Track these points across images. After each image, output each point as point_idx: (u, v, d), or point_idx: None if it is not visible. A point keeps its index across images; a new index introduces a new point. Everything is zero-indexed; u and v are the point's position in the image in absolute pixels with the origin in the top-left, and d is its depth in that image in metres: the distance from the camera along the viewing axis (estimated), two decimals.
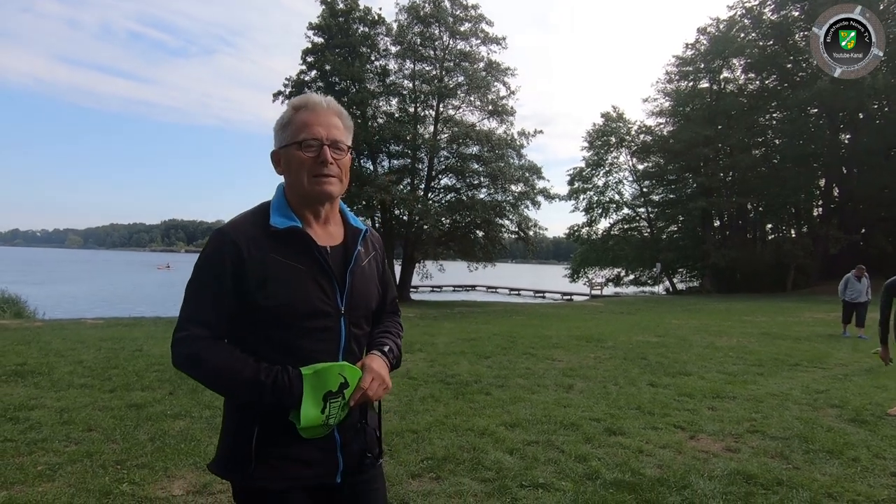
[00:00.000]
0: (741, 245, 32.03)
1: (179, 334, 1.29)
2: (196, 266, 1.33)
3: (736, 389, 5.88)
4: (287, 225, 1.32)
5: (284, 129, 1.37)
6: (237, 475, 1.32)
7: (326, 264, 1.34)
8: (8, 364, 6.31)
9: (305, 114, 1.36)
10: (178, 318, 1.32)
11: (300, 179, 1.34)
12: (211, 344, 1.28)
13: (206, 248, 1.33)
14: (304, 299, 1.30)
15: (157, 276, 60.69)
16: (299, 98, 1.39)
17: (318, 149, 1.34)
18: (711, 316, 15.56)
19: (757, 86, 32.60)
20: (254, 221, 1.34)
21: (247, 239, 1.29)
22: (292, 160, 1.35)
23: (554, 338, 9.89)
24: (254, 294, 1.27)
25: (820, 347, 9.08)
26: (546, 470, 3.54)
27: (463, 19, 24.60)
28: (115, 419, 4.39)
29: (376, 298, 1.49)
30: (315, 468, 1.33)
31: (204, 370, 1.27)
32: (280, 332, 1.29)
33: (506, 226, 24.96)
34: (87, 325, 10.86)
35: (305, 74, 24.13)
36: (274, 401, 1.24)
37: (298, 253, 1.32)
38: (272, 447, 1.30)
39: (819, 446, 4.03)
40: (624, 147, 36.00)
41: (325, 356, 1.31)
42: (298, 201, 1.38)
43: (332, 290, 1.34)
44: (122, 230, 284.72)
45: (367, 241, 1.49)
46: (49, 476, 3.28)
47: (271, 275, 1.28)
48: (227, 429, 1.38)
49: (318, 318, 1.31)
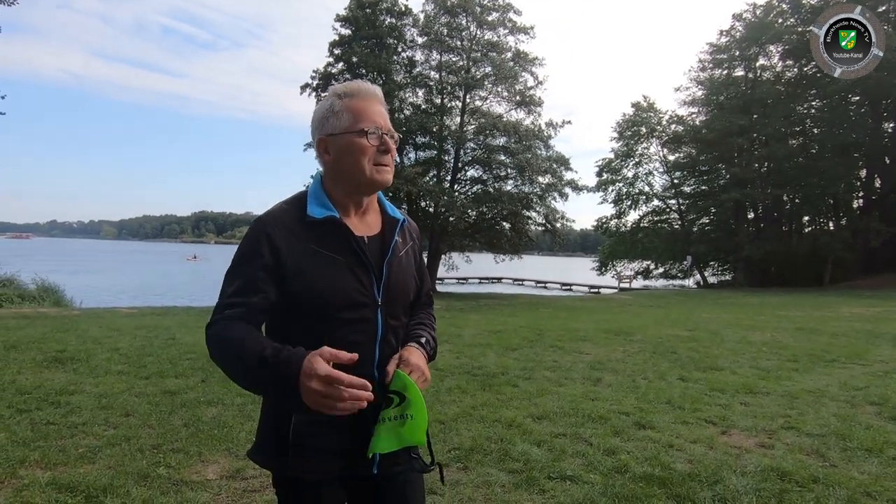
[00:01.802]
0: (776, 238, 31.14)
1: (212, 318, 1.28)
2: (235, 256, 1.33)
3: (770, 385, 5.74)
4: (324, 215, 1.31)
5: (336, 116, 1.34)
6: (273, 464, 1.34)
7: (363, 255, 1.33)
8: (49, 350, 6.55)
9: (359, 101, 1.35)
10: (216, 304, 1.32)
11: (361, 167, 1.33)
12: (235, 324, 1.23)
13: (245, 239, 1.32)
14: (341, 290, 1.29)
15: (187, 266, 62.18)
16: (346, 85, 1.37)
17: (380, 137, 1.33)
18: (744, 310, 15.22)
19: (795, 73, 31.49)
20: (291, 211, 1.33)
21: (284, 228, 1.29)
22: (352, 148, 1.33)
23: (581, 331, 9.80)
24: (290, 284, 1.27)
25: (858, 343, 8.79)
26: (574, 462, 3.52)
27: (491, 9, 24.38)
28: (150, 405, 4.52)
29: (413, 289, 1.48)
30: (351, 460, 1.32)
31: (221, 350, 1.24)
32: (317, 322, 1.28)
33: (533, 218, 24.77)
34: (121, 314, 11.19)
35: (332, 66, 24.26)
36: (274, 378, 1.13)
37: (335, 243, 1.31)
38: (308, 437, 1.29)
39: (857, 444, 3.91)
40: (654, 137, 35.27)
41: (362, 348, 1.29)
42: (347, 190, 1.37)
43: (370, 281, 1.33)
44: (155, 222, 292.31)
45: (405, 231, 1.48)
46: (90, 458, 3.40)
47: (308, 265, 1.28)
48: (264, 417, 1.38)
49: (354, 309, 1.30)
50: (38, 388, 4.88)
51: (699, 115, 35.12)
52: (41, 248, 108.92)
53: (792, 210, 32.85)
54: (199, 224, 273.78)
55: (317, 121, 1.38)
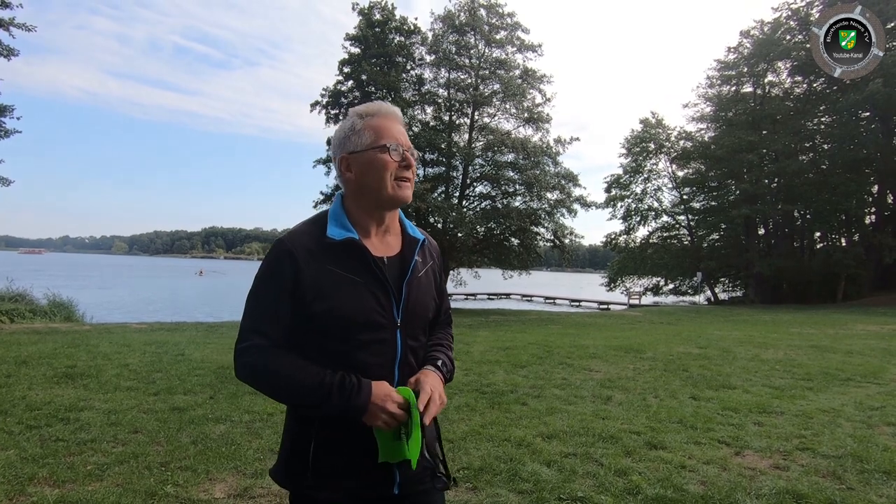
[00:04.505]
0: (787, 254, 30.88)
1: (241, 345, 1.30)
2: (256, 276, 1.34)
3: (784, 404, 5.65)
4: (343, 236, 1.33)
5: (358, 135, 1.37)
6: (294, 484, 1.33)
7: (382, 276, 1.34)
8: (59, 366, 6.58)
9: (381, 119, 1.38)
10: (239, 328, 1.34)
11: (383, 183, 1.35)
12: (272, 352, 1.28)
13: (266, 260, 1.34)
14: (360, 311, 1.30)
15: (195, 281, 62.54)
16: (366, 106, 1.41)
17: (401, 153, 1.36)
18: (756, 327, 15.04)
19: (804, 89, 31.49)
20: (311, 232, 1.35)
21: (304, 250, 1.30)
22: (374, 163, 1.35)
23: (591, 348, 9.72)
24: (310, 305, 1.28)
25: (874, 362, 8.65)
26: (585, 483, 3.47)
27: (499, 27, 24.66)
28: (159, 422, 4.52)
29: (433, 309, 1.48)
30: (372, 480, 1.32)
31: (267, 378, 1.28)
32: (336, 343, 1.29)
33: (541, 234, 24.79)
34: (131, 329, 11.24)
35: (342, 84, 24.56)
36: (341, 402, 1.23)
37: (355, 264, 1.32)
38: (329, 457, 1.30)
39: (874, 466, 3.82)
40: (663, 153, 35.29)
41: (381, 369, 1.31)
42: (369, 207, 1.39)
43: (389, 301, 1.34)
44: (165, 237, 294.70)
45: (425, 251, 1.48)
46: (98, 476, 3.39)
47: (327, 286, 1.29)
48: (286, 437, 1.39)
49: (373, 330, 1.31)
50: (47, 404, 4.90)
51: (708, 130, 35.17)
52: (53, 262, 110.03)
53: (803, 226, 32.60)
54: (209, 239, 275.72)
55: (338, 140, 1.40)
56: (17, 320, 12.90)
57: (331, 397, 1.23)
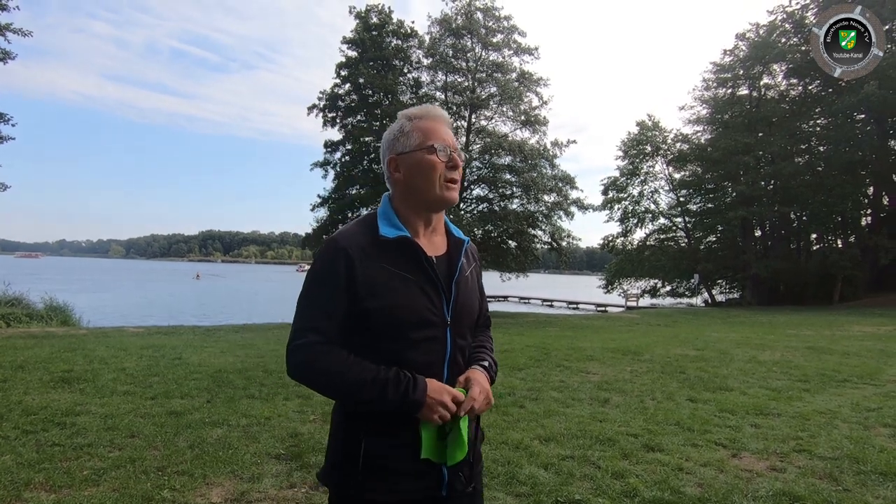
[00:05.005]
0: (784, 255, 30.98)
1: (294, 343, 1.30)
2: (309, 276, 1.35)
3: (780, 406, 5.66)
4: (396, 234, 1.34)
5: (406, 136, 1.39)
6: (344, 486, 1.33)
7: (434, 274, 1.35)
8: (56, 371, 6.56)
9: (429, 122, 1.40)
10: (291, 328, 1.34)
11: (431, 184, 1.37)
12: (326, 349, 1.29)
13: (319, 259, 1.35)
14: (413, 309, 1.31)
15: (193, 285, 62.41)
16: (416, 108, 1.43)
17: (449, 154, 1.37)
18: (753, 329, 15.07)
19: (800, 91, 31.63)
20: (363, 231, 1.36)
21: (358, 249, 1.31)
22: (423, 164, 1.36)
23: (588, 350, 9.72)
24: (364, 302, 1.29)
25: (870, 363, 8.68)
26: (582, 486, 3.47)
27: (495, 30, 24.72)
28: (156, 426, 4.50)
29: (477, 310, 1.51)
30: (422, 481, 1.33)
31: (321, 375, 1.28)
32: (389, 341, 1.31)
33: (538, 236, 24.83)
34: (128, 333, 11.21)
35: (339, 87, 24.61)
36: (397, 398, 1.24)
37: (407, 262, 1.34)
38: (381, 459, 1.30)
39: (871, 467, 3.83)
40: (660, 156, 35.37)
41: (431, 367, 1.33)
42: (416, 208, 1.40)
43: (440, 300, 1.35)
44: (162, 240, 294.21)
45: (469, 253, 1.50)
46: (94, 481, 3.38)
47: (381, 284, 1.30)
48: (335, 439, 1.39)
49: (425, 328, 1.33)
50: (44, 409, 4.88)
51: (704, 133, 35.28)
52: (50, 266, 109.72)
53: (799, 228, 32.72)
54: (206, 243, 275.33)
55: (387, 142, 1.42)
56: (13, 324, 12.87)
57: (386, 392, 1.24)
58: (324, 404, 5.33)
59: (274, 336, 11.36)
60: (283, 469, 3.66)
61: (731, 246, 33.89)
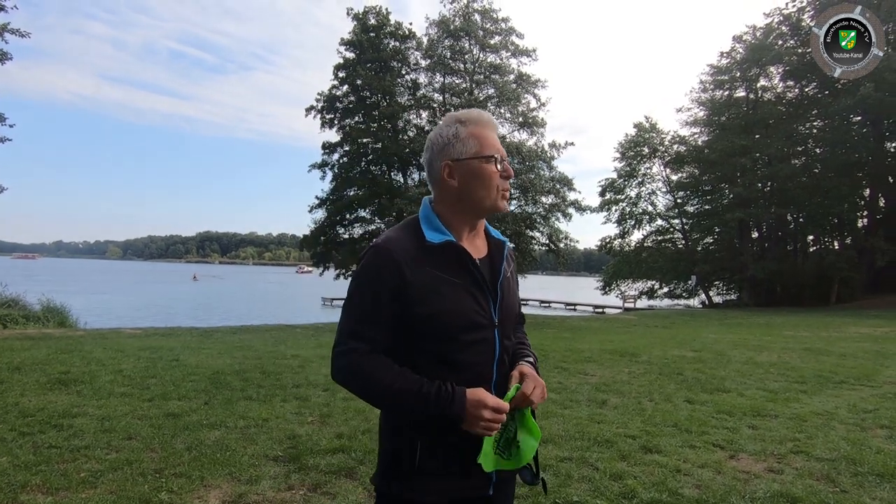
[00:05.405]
0: (781, 257, 31.07)
1: (340, 348, 1.32)
2: (355, 281, 1.36)
3: (778, 407, 5.67)
4: (442, 239, 1.35)
5: (462, 142, 1.39)
6: (398, 489, 1.34)
7: (481, 277, 1.37)
8: (53, 372, 6.53)
9: (482, 129, 1.40)
10: (336, 331, 1.35)
11: (489, 193, 1.38)
12: (371, 357, 1.30)
13: (366, 264, 1.34)
14: (462, 312, 1.33)
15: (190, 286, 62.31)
16: (466, 113, 1.42)
17: (504, 165, 1.40)
18: (750, 330, 15.10)
19: (796, 94, 31.76)
20: (408, 237, 1.36)
21: (405, 254, 1.32)
22: (481, 174, 1.38)
23: (586, 351, 9.73)
24: (414, 309, 1.30)
25: (867, 364, 8.70)
26: (580, 488, 3.47)
27: (493, 32, 24.73)
28: (153, 428, 4.49)
29: (517, 310, 1.54)
30: (473, 480, 1.35)
31: (363, 382, 1.30)
32: (439, 345, 1.32)
33: (536, 238, 24.81)
34: (125, 335, 11.18)
35: (337, 89, 24.58)
36: (438, 411, 1.26)
37: (454, 266, 1.35)
38: (434, 461, 1.32)
39: (868, 469, 3.84)
40: (657, 157, 35.47)
41: (481, 368, 1.35)
42: (467, 214, 1.41)
43: (487, 302, 1.37)
44: (160, 242, 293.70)
45: (509, 254, 1.52)
46: (91, 483, 3.37)
47: (430, 289, 1.31)
48: (388, 443, 1.39)
49: (475, 330, 1.34)
50: (41, 411, 4.86)
51: (701, 135, 35.40)
52: (47, 268, 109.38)
53: (796, 229, 32.82)
54: (204, 244, 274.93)
55: (439, 145, 1.41)
56: (10, 326, 12.82)
57: (427, 406, 1.26)
58: (322, 406, 5.33)
59: (272, 337, 11.34)
60: (280, 471, 3.66)
61: (728, 247, 33.98)
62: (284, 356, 8.43)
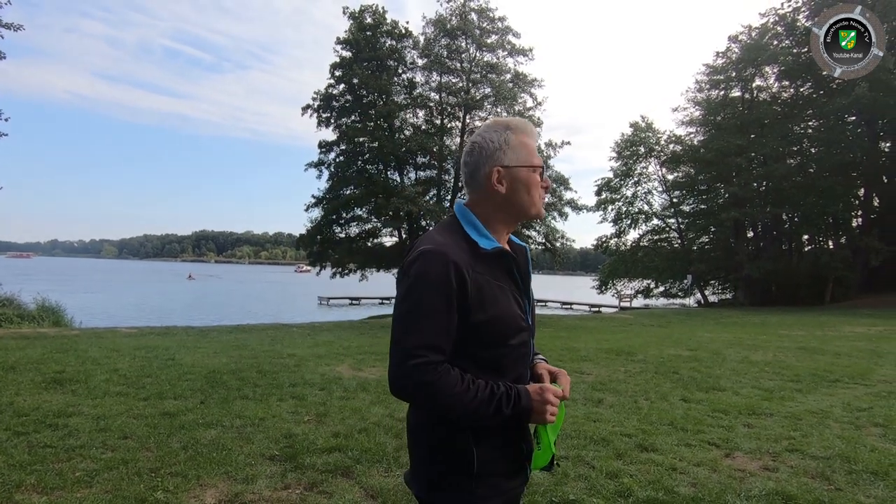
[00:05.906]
0: (776, 256, 31.16)
1: (413, 362, 1.24)
2: (420, 289, 1.29)
3: (773, 406, 5.70)
4: (493, 246, 1.37)
5: (513, 150, 1.41)
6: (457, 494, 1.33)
7: (522, 282, 1.42)
8: (48, 372, 6.51)
9: (529, 138, 1.44)
10: (403, 343, 1.28)
11: (533, 201, 1.42)
12: (448, 370, 1.27)
13: (429, 271, 1.28)
14: (513, 317, 1.36)
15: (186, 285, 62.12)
16: (514, 121, 1.45)
17: (544, 176, 1.44)
18: (746, 329, 15.17)
19: (791, 94, 31.84)
20: (460, 243, 1.35)
21: (464, 261, 1.30)
22: (528, 182, 1.41)
23: (582, 350, 9.75)
24: (475, 316, 1.30)
25: (861, 363, 8.75)
26: (576, 486, 3.48)
27: (490, 31, 24.73)
28: (149, 427, 4.48)
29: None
30: (519, 479, 1.42)
31: (443, 396, 1.25)
32: (489, 350, 1.34)
33: (532, 237, 24.84)
34: (121, 334, 11.14)
35: (334, 88, 24.52)
36: (510, 410, 1.28)
37: (502, 273, 1.38)
38: (490, 464, 1.34)
39: (862, 467, 3.87)
40: (653, 157, 35.55)
41: (521, 370, 1.40)
42: (509, 220, 1.44)
43: (525, 307, 1.42)
44: (155, 241, 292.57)
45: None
46: (87, 482, 3.36)
47: (487, 295, 1.32)
48: (440, 449, 1.35)
49: (520, 334, 1.39)
50: (36, 410, 4.84)
51: (697, 134, 35.44)
52: (42, 267, 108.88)
53: (791, 229, 32.93)
54: (200, 243, 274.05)
55: (489, 151, 1.41)
56: (4, 325, 12.77)
57: (501, 408, 1.28)
58: (318, 405, 5.32)
59: (268, 337, 11.33)
60: (277, 470, 3.65)
61: (723, 247, 34.06)
62: (281, 355, 8.42)
